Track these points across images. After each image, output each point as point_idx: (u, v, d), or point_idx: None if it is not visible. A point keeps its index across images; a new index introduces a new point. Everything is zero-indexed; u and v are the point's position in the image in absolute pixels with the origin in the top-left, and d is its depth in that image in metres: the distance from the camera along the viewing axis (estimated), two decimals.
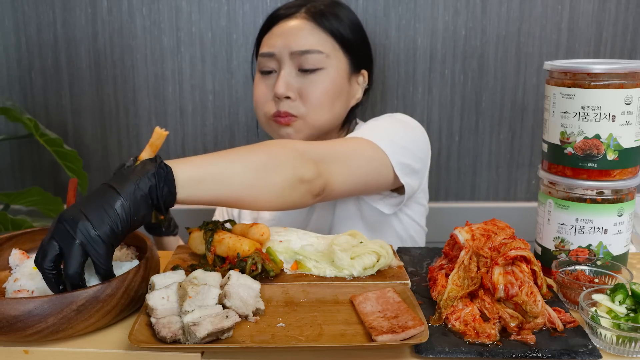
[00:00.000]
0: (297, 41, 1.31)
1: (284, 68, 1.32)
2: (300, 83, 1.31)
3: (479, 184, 1.96)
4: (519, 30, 1.82)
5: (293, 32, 1.32)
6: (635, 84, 0.93)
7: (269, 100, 1.34)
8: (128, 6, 1.85)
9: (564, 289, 0.91)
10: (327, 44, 1.33)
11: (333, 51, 1.33)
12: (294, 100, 1.31)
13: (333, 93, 1.33)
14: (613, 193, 0.97)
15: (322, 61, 1.31)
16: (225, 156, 0.96)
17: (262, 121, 1.39)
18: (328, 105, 1.32)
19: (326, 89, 1.31)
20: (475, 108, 1.89)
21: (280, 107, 1.31)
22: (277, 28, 1.34)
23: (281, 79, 1.30)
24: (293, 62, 1.31)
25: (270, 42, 1.34)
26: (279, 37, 1.33)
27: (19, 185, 2.01)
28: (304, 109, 1.31)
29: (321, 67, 1.31)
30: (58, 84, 1.92)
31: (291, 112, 1.30)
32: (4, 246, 0.99)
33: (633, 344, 0.76)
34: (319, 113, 1.31)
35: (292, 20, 1.34)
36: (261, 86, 1.36)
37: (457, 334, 0.80)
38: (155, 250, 0.96)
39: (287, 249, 0.99)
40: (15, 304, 0.77)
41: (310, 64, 1.30)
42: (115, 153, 1.97)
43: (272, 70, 1.34)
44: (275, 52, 1.32)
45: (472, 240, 0.89)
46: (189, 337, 0.75)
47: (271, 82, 1.34)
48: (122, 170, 0.89)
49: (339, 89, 1.34)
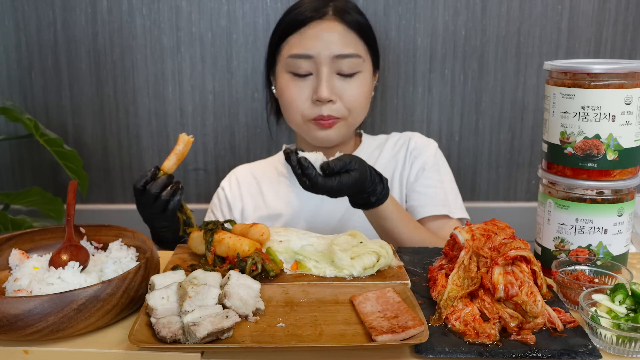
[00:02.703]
0: (339, 45, 1.33)
1: (323, 72, 1.33)
2: (339, 86, 1.34)
3: (479, 184, 1.96)
4: (519, 30, 1.82)
5: (332, 35, 1.33)
6: (635, 84, 0.93)
7: (307, 102, 1.35)
8: (128, 6, 1.85)
9: (564, 289, 0.91)
10: (361, 47, 1.37)
11: (365, 54, 1.38)
12: (335, 103, 1.34)
13: (368, 94, 1.40)
14: (613, 193, 0.97)
15: (360, 65, 1.36)
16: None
17: (297, 123, 1.39)
18: (365, 106, 1.41)
19: (363, 92, 1.38)
20: (475, 108, 1.89)
21: (323, 111, 1.34)
22: (310, 30, 1.34)
23: (324, 83, 1.32)
24: (332, 66, 1.33)
25: (304, 43, 1.34)
26: (316, 40, 1.33)
27: (19, 185, 2.01)
28: (345, 111, 1.36)
29: (359, 70, 1.36)
30: (58, 84, 1.92)
31: (334, 114, 1.34)
32: (4, 246, 0.99)
33: (633, 344, 0.76)
34: (359, 114, 1.40)
35: (325, 23, 1.34)
36: (295, 88, 1.36)
37: (457, 334, 0.80)
38: (155, 250, 0.96)
39: (287, 249, 0.99)
40: (15, 303, 0.77)
41: (350, 68, 1.34)
42: (115, 153, 1.97)
43: (307, 73, 1.35)
44: (313, 54, 1.32)
45: (472, 240, 0.89)
46: (189, 337, 0.75)
47: (307, 84, 1.35)
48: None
49: (370, 89, 1.42)
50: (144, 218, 1.15)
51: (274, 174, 1.53)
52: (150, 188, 1.08)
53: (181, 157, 1.10)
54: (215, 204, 1.55)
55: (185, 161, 1.96)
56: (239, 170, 1.57)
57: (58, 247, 0.97)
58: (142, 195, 1.09)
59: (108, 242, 1.01)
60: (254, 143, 1.94)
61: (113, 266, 0.93)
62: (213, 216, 1.53)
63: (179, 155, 1.09)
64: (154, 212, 1.11)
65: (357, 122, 1.42)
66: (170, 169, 1.10)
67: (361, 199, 1.15)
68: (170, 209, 1.09)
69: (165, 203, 1.09)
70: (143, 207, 1.12)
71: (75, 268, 0.90)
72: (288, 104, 1.38)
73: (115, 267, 0.93)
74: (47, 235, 1.04)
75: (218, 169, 1.97)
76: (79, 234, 1.04)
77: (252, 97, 1.91)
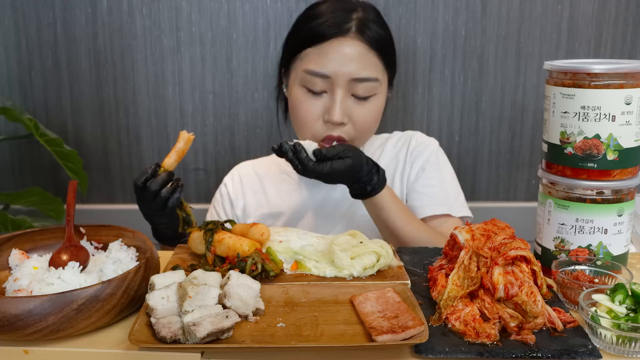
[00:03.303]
0: (357, 67, 1.30)
1: (338, 93, 1.30)
2: (352, 108, 1.33)
3: (479, 184, 1.96)
4: (519, 30, 1.82)
5: (352, 57, 1.30)
6: (635, 84, 0.93)
7: (319, 122, 1.33)
8: (128, 6, 1.85)
9: (564, 289, 0.91)
10: (379, 69, 1.34)
11: (383, 75, 1.36)
12: (346, 125, 1.33)
13: (379, 116, 1.39)
14: (613, 193, 0.97)
15: (376, 88, 1.33)
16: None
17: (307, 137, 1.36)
18: (374, 128, 1.40)
19: (375, 115, 1.37)
20: (475, 108, 1.89)
21: (333, 132, 1.32)
22: (330, 47, 1.30)
23: (338, 105, 1.30)
24: (348, 88, 1.31)
25: (322, 61, 1.30)
26: (335, 60, 1.29)
27: (19, 185, 2.01)
28: (354, 133, 1.35)
29: (374, 93, 1.34)
30: (58, 84, 1.92)
31: (344, 136, 1.34)
32: (4, 246, 0.99)
33: (633, 344, 0.76)
34: (366, 136, 1.39)
35: (346, 41, 1.30)
36: (308, 105, 1.33)
37: (457, 334, 0.80)
38: (155, 250, 0.96)
39: (287, 249, 0.99)
40: (15, 303, 0.77)
41: (365, 91, 1.32)
42: (115, 153, 1.97)
43: (322, 92, 1.32)
44: (330, 75, 1.29)
45: (472, 240, 0.89)
46: (189, 337, 0.75)
47: (321, 103, 1.32)
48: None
49: (382, 109, 1.40)
50: (144, 214, 1.16)
51: (276, 171, 1.52)
52: (150, 185, 1.08)
53: (181, 155, 1.10)
54: (217, 200, 1.54)
55: (186, 161, 1.96)
56: (242, 167, 1.56)
57: (58, 247, 0.97)
58: (142, 191, 1.10)
59: (108, 242, 1.01)
60: (254, 143, 1.94)
61: (113, 266, 0.93)
62: (215, 212, 1.53)
63: (179, 153, 1.09)
64: (153, 209, 1.11)
65: (362, 144, 1.41)
66: (171, 166, 1.10)
67: (358, 189, 1.19)
68: (169, 206, 1.09)
69: (165, 200, 1.09)
70: (143, 203, 1.13)
71: (75, 268, 0.90)
72: (300, 121, 1.36)
73: (115, 267, 0.93)
74: (47, 235, 1.04)
75: (218, 169, 1.97)
76: (79, 234, 1.04)
77: (252, 97, 1.91)
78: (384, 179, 1.21)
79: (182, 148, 1.09)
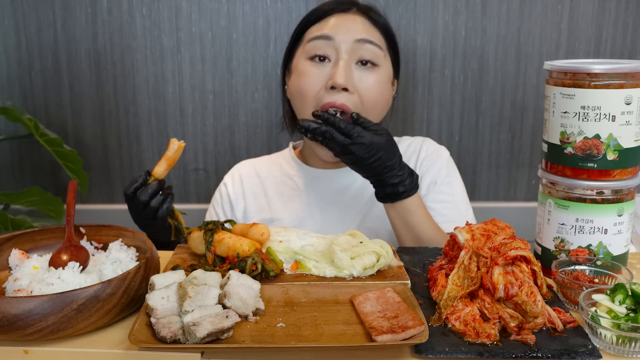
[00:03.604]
0: (360, 30, 1.28)
1: (342, 57, 1.26)
2: (357, 77, 1.27)
3: (479, 184, 1.96)
4: (519, 30, 1.82)
5: (354, 22, 1.29)
6: (635, 84, 0.93)
7: (322, 90, 1.26)
8: (128, 6, 1.85)
9: (564, 289, 0.91)
10: (383, 42, 1.32)
11: (386, 51, 1.33)
12: (352, 94, 1.25)
13: (383, 93, 1.32)
14: (613, 193, 0.97)
15: (380, 57, 1.29)
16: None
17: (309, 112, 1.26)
18: (378, 105, 1.31)
19: (379, 88, 1.30)
20: (475, 108, 1.89)
21: (336, 99, 1.23)
22: (331, 19, 1.30)
23: (341, 68, 1.24)
24: (352, 53, 1.26)
25: (326, 26, 1.28)
26: (337, 25, 1.28)
27: (19, 185, 2.01)
28: (359, 104, 1.27)
29: (378, 63, 1.29)
30: (58, 84, 1.92)
31: (348, 104, 1.24)
32: (4, 246, 0.99)
33: (633, 344, 0.76)
34: (369, 111, 1.28)
35: (348, 15, 1.31)
36: (312, 75, 1.27)
37: (457, 334, 0.80)
38: (155, 251, 0.96)
39: (287, 249, 0.99)
40: (15, 303, 0.77)
41: (370, 55, 1.27)
42: (115, 153, 1.97)
43: (326, 57, 1.27)
44: (333, 36, 1.26)
45: (472, 240, 0.89)
46: (189, 337, 0.75)
47: (324, 71, 1.27)
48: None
49: (387, 90, 1.34)
50: (135, 221, 1.15)
51: (278, 174, 1.48)
52: (140, 195, 1.07)
53: (172, 163, 1.08)
54: (217, 200, 1.51)
55: (185, 161, 1.96)
56: (242, 167, 1.53)
57: (58, 247, 0.97)
58: (131, 201, 1.09)
59: (108, 242, 1.01)
60: (254, 143, 1.94)
61: (113, 266, 0.93)
62: (214, 211, 1.50)
63: (169, 161, 1.07)
64: (143, 218, 1.10)
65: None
66: (161, 175, 1.08)
67: (389, 187, 1.13)
68: (159, 217, 1.08)
69: (155, 210, 1.08)
70: (133, 212, 1.12)
71: (75, 268, 0.90)
72: (304, 91, 1.28)
73: (115, 267, 0.93)
74: (47, 235, 1.04)
75: (218, 169, 1.97)
76: (79, 234, 1.04)
77: (252, 97, 1.91)
78: (416, 183, 1.16)
79: (173, 156, 1.07)
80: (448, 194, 1.40)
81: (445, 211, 1.37)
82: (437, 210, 1.37)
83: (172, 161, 1.07)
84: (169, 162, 1.07)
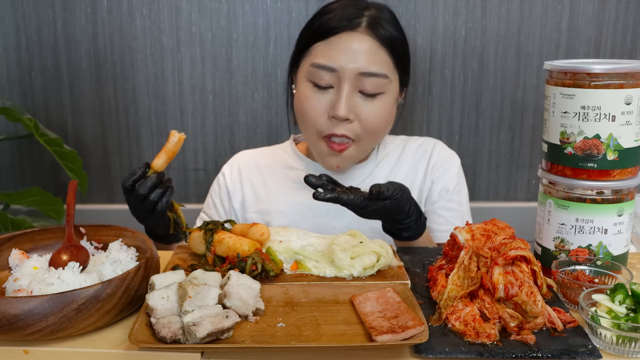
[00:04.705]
0: (366, 62, 1.25)
1: (344, 88, 1.25)
2: (359, 105, 1.26)
3: (479, 184, 1.96)
4: (519, 30, 1.82)
5: (361, 52, 1.25)
6: (635, 84, 0.93)
7: (324, 117, 1.27)
8: (128, 6, 1.85)
9: (564, 289, 0.91)
10: (390, 67, 1.29)
11: (393, 74, 1.30)
12: (352, 122, 1.27)
13: (388, 118, 1.31)
14: (613, 193, 0.97)
15: (385, 86, 1.28)
16: None
17: (312, 138, 1.31)
18: (383, 130, 1.32)
19: (383, 115, 1.29)
20: (475, 108, 1.89)
21: (337, 130, 1.26)
22: (339, 41, 1.26)
23: (344, 99, 1.24)
24: (355, 83, 1.26)
25: (331, 54, 1.26)
26: (343, 53, 1.25)
27: (19, 185, 2.01)
28: (360, 132, 1.28)
29: (382, 91, 1.28)
30: (58, 84, 1.92)
31: (349, 134, 1.26)
32: (4, 246, 0.99)
33: (633, 344, 0.76)
34: (374, 137, 1.31)
35: (356, 36, 1.26)
36: (314, 100, 1.28)
37: (457, 334, 0.80)
38: (155, 250, 0.96)
39: (287, 249, 0.99)
40: (15, 303, 0.77)
41: (373, 87, 1.26)
42: (115, 153, 1.97)
43: (328, 86, 1.27)
44: (337, 68, 1.25)
45: (472, 240, 0.89)
46: (189, 337, 0.75)
47: (327, 98, 1.27)
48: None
49: (392, 112, 1.33)
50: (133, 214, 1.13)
51: (278, 165, 1.47)
52: (138, 188, 1.05)
53: (172, 155, 1.05)
54: (215, 190, 1.49)
55: (185, 161, 1.96)
56: (242, 157, 1.51)
57: (58, 247, 0.97)
58: (130, 194, 1.06)
59: (108, 242, 1.01)
60: (254, 143, 1.94)
61: (113, 266, 0.93)
62: (211, 201, 1.48)
63: (169, 153, 1.05)
64: (142, 212, 1.08)
65: (370, 146, 1.34)
66: (161, 167, 1.06)
67: (395, 230, 1.14)
68: (158, 210, 1.06)
69: (154, 204, 1.06)
70: (132, 205, 1.09)
71: (75, 268, 0.90)
72: (306, 118, 1.30)
73: (115, 267, 0.93)
74: (47, 235, 1.04)
75: (218, 169, 1.96)
76: (79, 234, 1.04)
77: (252, 97, 1.91)
78: (423, 226, 1.17)
79: (173, 149, 1.05)
80: (457, 203, 1.41)
81: (453, 220, 1.38)
82: (446, 218, 1.38)
83: (172, 154, 1.05)
84: (168, 154, 1.05)
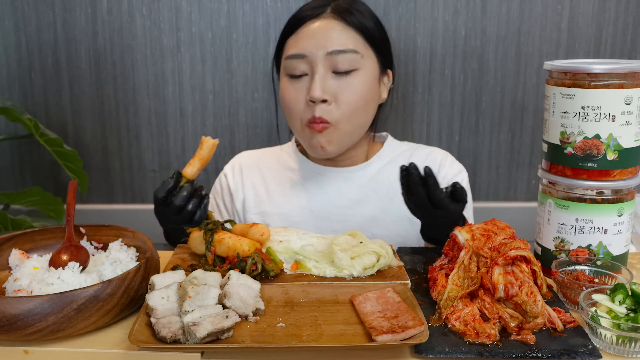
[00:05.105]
0: (331, 41, 1.25)
1: (317, 71, 1.25)
2: (335, 86, 1.26)
3: (479, 184, 1.96)
4: (519, 30, 1.82)
5: (325, 32, 1.26)
6: (635, 84, 0.93)
7: (303, 105, 1.27)
8: (128, 6, 1.85)
9: (564, 289, 0.91)
10: (360, 43, 1.28)
11: (365, 50, 1.29)
12: (330, 104, 1.25)
13: (367, 95, 1.29)
14: (613, 193, 0.97)
15: (357, 61, 1.27)
16: None
17: (297, 128, 1.31)
18: (363, 109, 1.29)
19: (362, 92, 1.27)
20: (475, 108, 1.89)
21: (315, 112, 1.24)
22: (304, 29, 1.28)
23: (317, 81, 1.24)
24: (327, 64, 1.25)
25: (299, 43, 1.28)
26: (309, 38, 1.27)
27: (19, 185, 2.01)
28: (338, 113, 1.26)
29: (356, 67, 1.27)
30: (58, 84, 1.92)
31: (325, 117, 1.24)
32: (4, 246, 0.99)
33: (633, 344, 0.76)
34: (353, 118, 1.28)
35: (319, 21, 1.28)
36: (292, 91, 1.29)
37: (457, 334, 0.80)
38: (155, 250, 0.96)
39: (287, 249, 0.99)
40: (15, 303, 0.77)
41: (345, 64, 1.25)
42: (115, 153, 1.97)
43: (303, 74, 1.28)
44: (306, 53, 1.26)
45: (472, 240, 0.89)
46: (189, 337, 0.75)
47: (303, 86, 1.27)
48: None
49: (372, 90, 1.31)
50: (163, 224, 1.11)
51: (280, 167, 1.47)
52: (174, 200, 1.03)
53: (204, 163, 1.03)
54: (217, 190, 1.49)
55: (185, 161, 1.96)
56: (243, 157, 1.51)
57: (58, 247, 0.97)
58: (164, 206, 1.04)
59: (108, 242, 1.01)
60: (254, 143, 1.94)
61: (113, 266, 0.93)
62: (214, 203, 1.48)
63: (202, 161, 1.02)
64: (178, 223, 1.05)
65: (352, 130, 1.30)
66: (193, 175, 1.04)
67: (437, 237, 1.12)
68: (196, 220, 1.04)
69: (191, 214, 1.04)
70: (165, 218, 1.07)
71: (75, 268, 0.90)
72: (288, 110, 1.31)
73: (115, 267, 0.93)
74: (47, 235, 1.04)
75: (218, 169, 1.96)
76: (79, 234, 1.04)
77: (252, 97, 1.91)
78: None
79: (206, 155, 1.02)
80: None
81: None
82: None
83: (205, 161, 1.03)
84: (202, 161, 1.03)
